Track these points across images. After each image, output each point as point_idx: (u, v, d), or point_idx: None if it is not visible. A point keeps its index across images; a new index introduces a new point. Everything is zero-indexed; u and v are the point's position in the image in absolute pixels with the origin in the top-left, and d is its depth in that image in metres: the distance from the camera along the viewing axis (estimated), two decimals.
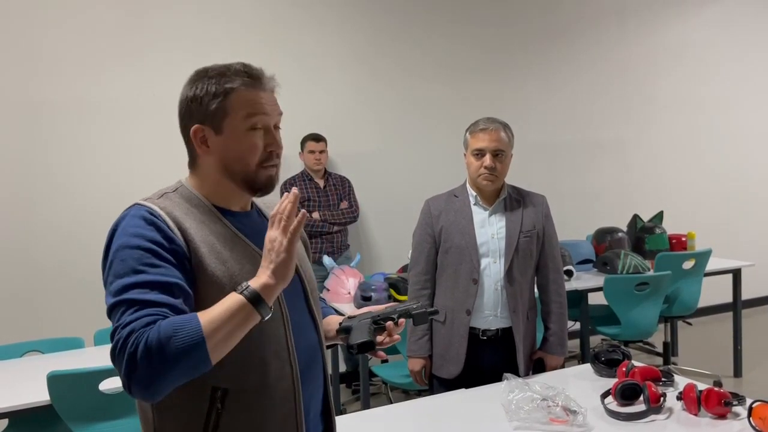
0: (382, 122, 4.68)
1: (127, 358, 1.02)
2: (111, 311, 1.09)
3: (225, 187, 1.25)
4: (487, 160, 2.28)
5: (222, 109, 1.20)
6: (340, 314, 1.51)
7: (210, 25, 4.12)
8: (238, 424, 1.18)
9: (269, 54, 4.23)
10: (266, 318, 1.11)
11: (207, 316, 1.06)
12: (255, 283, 1.10)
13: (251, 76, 1.22)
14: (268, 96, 1.25)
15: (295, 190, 1.18)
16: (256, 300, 1.08)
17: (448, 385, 2.36)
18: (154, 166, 3.98)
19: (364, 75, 4.61)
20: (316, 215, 4.06)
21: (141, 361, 1.01)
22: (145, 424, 1.22)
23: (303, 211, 1.17)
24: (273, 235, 1.13)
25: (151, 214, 1.15)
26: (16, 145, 3.72)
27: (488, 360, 2.36)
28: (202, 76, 1.23)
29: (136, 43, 3.96)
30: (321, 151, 4.14)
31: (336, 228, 4.11)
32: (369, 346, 1.28)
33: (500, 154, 2.31)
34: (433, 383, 2.46)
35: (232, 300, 1.09)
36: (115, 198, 3.89)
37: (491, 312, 2.34)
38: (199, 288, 1.15)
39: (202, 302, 1.13)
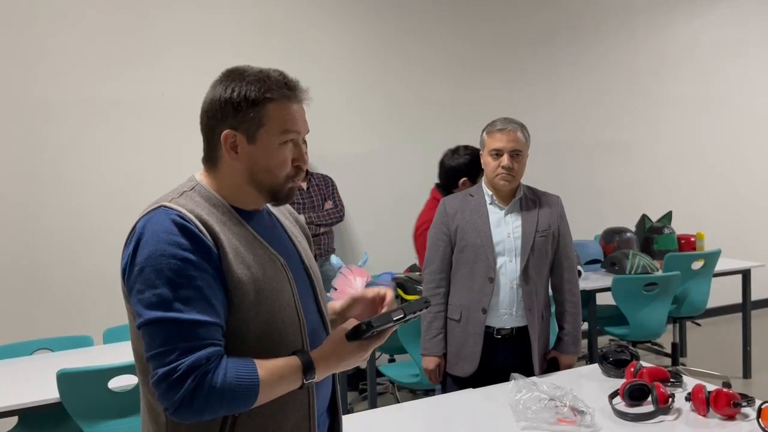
0: (389, 120, 4.67)
1: (187, 390, 1.06)
2: (148, 325, 1.08)
3: (245, 191, 1.23)
4: (505, 160, 2.30)
5: (258, 118, 1.18)
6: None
7: (216, 25, 4.13)
8: (254, 426, 1.18)
9: (270, 52, 4.24)
10: (302, 387, 1.18)
11: (265, 370, 1.13)
12: (316, 355, 1.19)
13: (290, 88, 1.20)
14: (301, 110, 1.23)
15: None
16: (309, 369, 1.17)
17: (462, 383, 2.36)
18: (161, 166, 4.00)
19: (371, 72, 4.60)
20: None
21: (201, 398, 1.07)
22: (155, 424, 1.20)
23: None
24: (368, 348, 1.22)
25: (181, 218, 1.12)
26: (25, 145, 3.74)
27: (503, 359, 2.36)
28: (237, 78, 1.19)
29: (143, 42, 3.97)
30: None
31: (322, 229, 3.96)
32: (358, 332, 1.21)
33: (518, 155, 2.32)
34: (447, 382, 2.46)
35: (292, 362, 1.16)
36: (123, 197, 3.90)
37: (507, 311, 2.35)
38: (227, 292, 1.15)
39: (228, 304, 1.15)
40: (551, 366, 2.47)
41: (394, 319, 1.19)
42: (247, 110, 1.17)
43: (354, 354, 1.20)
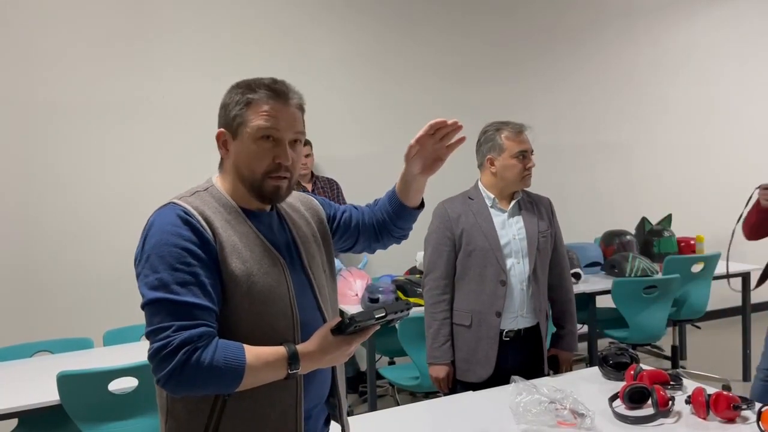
0: (389, 122, 4.68)
1: (178, 363, 1.14)
2: (149, 304, 1.18)
3: (241, 189, 1.33)
4: (531, 160, 2.36)
5: (241, 116, 1.29)
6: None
7: (216, 30, 4.14)
8: (242, 409, 1.27)
9: (269, 55, 4.25)
10: (288, 378, 1.23)
11: (252, 355, 1.20)
12: (301, 348, 1.24)
13: (273, 90, 1.30)
14: (287, 111, 1.30)
15: None
16: (294, 359, 1.22)
17: (474, 389, 2.31)
18: (161, 168, 4.00)
19: (370, 75, 4.61)
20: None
21: (189, 372, 1.15)
22: (159, 399, 1.33)
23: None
24: (351, 343, 1.27)
25: (186, 213, 1.24)
26: (25, 147, 3.74)
27: (513, 361, 2.36)
28: (236, 86, 1.33)
29: (144, 45, 3.97)
30: (306, 155, 4.02)
31: None
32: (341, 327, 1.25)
33: (532, 154, 2.39)
34: (457, 389, 2.41)
35: (278, 351, 1.22)
36: (124, 199, 3.91)
37: (518, 312, 2.36)
38: (221, 282, 1.25)
39: (222, 294, 1.25)
40: (550, 364, 2.50)
41: (376, 317, 1.25)
42: (233, 110, 1.30)
43: (338, 348, 1.26)
